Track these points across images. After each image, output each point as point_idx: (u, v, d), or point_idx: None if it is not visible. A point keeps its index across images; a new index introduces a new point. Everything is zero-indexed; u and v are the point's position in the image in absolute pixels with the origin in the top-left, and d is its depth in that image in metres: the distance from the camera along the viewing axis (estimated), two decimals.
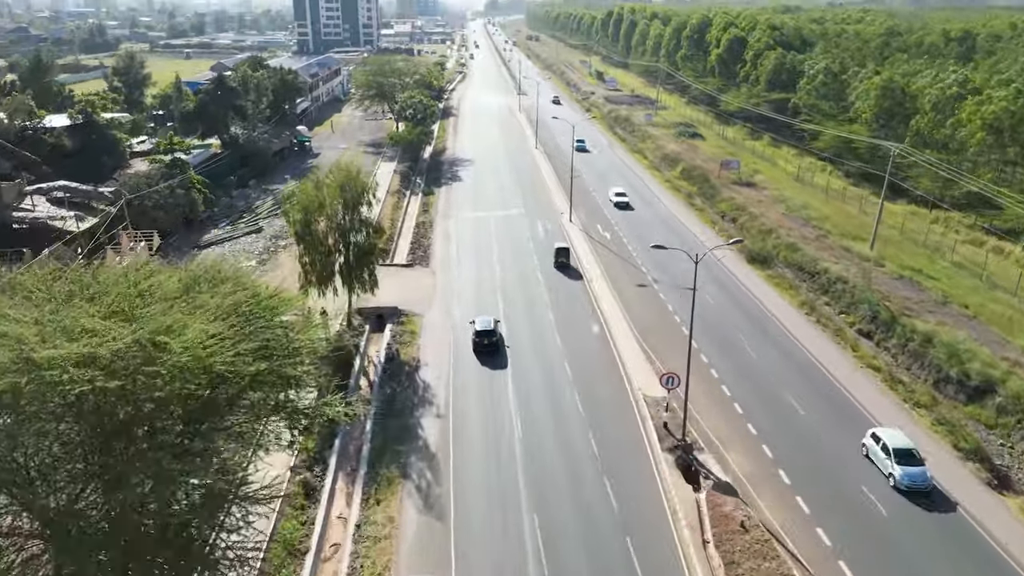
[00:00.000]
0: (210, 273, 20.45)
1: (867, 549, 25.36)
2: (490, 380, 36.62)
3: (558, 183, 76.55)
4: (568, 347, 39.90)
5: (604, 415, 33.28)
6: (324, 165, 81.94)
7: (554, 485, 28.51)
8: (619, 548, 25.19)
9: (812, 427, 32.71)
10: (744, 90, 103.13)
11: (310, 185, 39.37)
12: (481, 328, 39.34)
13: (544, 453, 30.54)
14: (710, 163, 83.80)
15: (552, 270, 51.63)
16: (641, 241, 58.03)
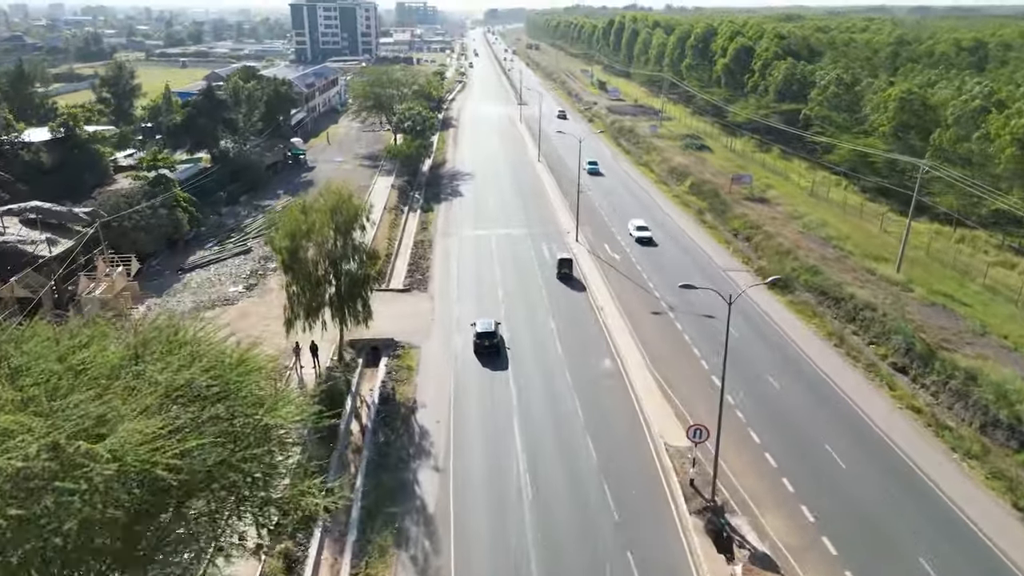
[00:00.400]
0: (164, 335, 17.11)
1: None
2: (495, 423, 33.28)
3: (563, 200, 73.39)
4: (579, 385, 36.56)
5: (622, 470, 29.90)
6: (319, 179, 79.03)
7: (570, 557, 25.12)
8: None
9: (855, 483, 29.33)
10: (752, 101, 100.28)
11: (296, 209, 36.13)
12: (482, 330, 40.41)
13: (557, 518, 27.15)
14: (720, 177, 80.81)
15: (559, 296, 48.37)
16: (652, 263, 54.76)
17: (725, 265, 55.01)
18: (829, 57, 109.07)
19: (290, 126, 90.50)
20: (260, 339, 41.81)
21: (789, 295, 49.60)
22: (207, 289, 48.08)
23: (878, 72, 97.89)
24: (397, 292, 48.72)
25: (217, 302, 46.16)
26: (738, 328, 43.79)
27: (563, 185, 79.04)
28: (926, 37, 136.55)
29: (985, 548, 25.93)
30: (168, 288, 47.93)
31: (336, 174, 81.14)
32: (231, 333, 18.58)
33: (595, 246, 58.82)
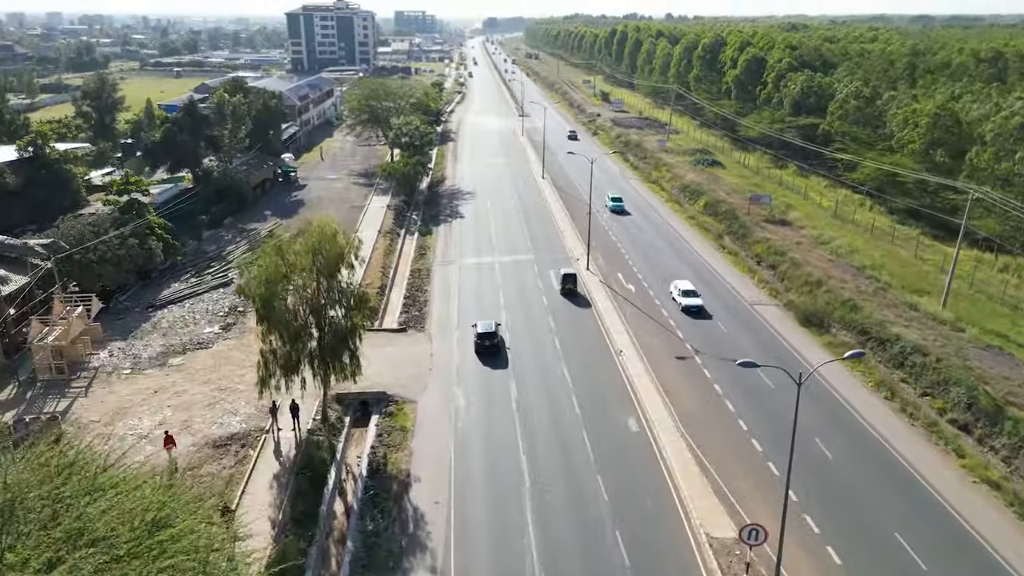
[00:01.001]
0: (87, 470, 12.10)
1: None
2: (503, 511, 28.29)
3: (570, 222, 68.62)
4: (601, 454, 31.56)
5: (658, 570, 24.91)
6: (310, 199, 74.30)
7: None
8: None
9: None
10: (766, 114, 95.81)
11: (272, 250, 31.20)
12: (483, 331, 41.62)
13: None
14: (735, 196, 76.14)
15: (572, 336, 43.44)
16: (669, 294, 49.84)
17: (751, 298, 50.18)
18: (844, 68, 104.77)
19: (281, 141, 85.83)
20: (233, 389, 37.14)
21: (826, 335, 44.75)
22: (179, 330, 43.11)
23: (896, 84, 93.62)
24: (391, 332, 43.76)
25: (189, 345, 41.20)
26: (774, 376, 38.89)
27: (569, 205, 74.30)
28: (938, 47, 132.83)
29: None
30: (135, 329, 42.95)
31: (328, 193, 76.44)
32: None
33: (608, 275, 53.96)
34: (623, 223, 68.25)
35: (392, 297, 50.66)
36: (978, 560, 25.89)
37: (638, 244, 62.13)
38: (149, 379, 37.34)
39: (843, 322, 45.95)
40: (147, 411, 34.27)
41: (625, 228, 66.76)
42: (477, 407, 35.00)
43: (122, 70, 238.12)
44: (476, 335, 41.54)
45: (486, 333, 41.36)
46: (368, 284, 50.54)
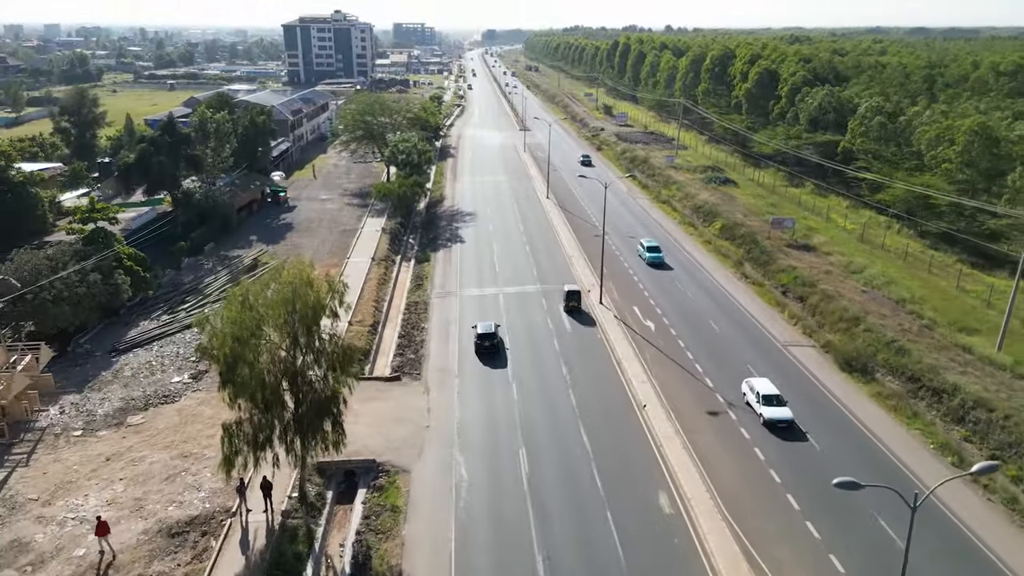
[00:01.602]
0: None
1: None
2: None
3: (579, 247, 63.86)
4: (632, 547, 26.51)
5: None
6: (299, 222, 69.44)
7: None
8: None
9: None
10: (781, 130, 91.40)
11: (237, 302, 26.27)
12: (483, 331, 42.47)
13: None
14: (752, 218, 71.54)
15: (588, 385, 38.47)
16: (697, 336, 44.82)
17: (784, 338, 45.27)
18: (862, 82, 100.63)
19: (270, 159, 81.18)
20: (199, 455, 31.96)
21: (871, 382, 39.83)
22: (143, 379, 38.12)
23: (916, 98, 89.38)
24: (383, 382, 38.75)
25: (153, 399, 36.21)
26: (818, 434, 33.95)
27: (577, 228, 69.55)
28: (949, 59, 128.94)
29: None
30: (93, 379, 37.96)
31: (320, 215, 71.66)
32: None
33: (623, 310, 49.05)
34: (635, 249, 63.47)
35: (385, 336, 45.72)
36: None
37: (653, 272, 57.30)
38: (103, 442, 32.32)
39: (888, 367, 41.09)
40: (95, 485, 29.24)
41: (637, 255, 61.95)
42: (481, 481, 29.98)
43: (115, 82, 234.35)
44: (476, 336, 42.85)
45: (486, 334, 42.52)
46: (359, 321, 45.70)
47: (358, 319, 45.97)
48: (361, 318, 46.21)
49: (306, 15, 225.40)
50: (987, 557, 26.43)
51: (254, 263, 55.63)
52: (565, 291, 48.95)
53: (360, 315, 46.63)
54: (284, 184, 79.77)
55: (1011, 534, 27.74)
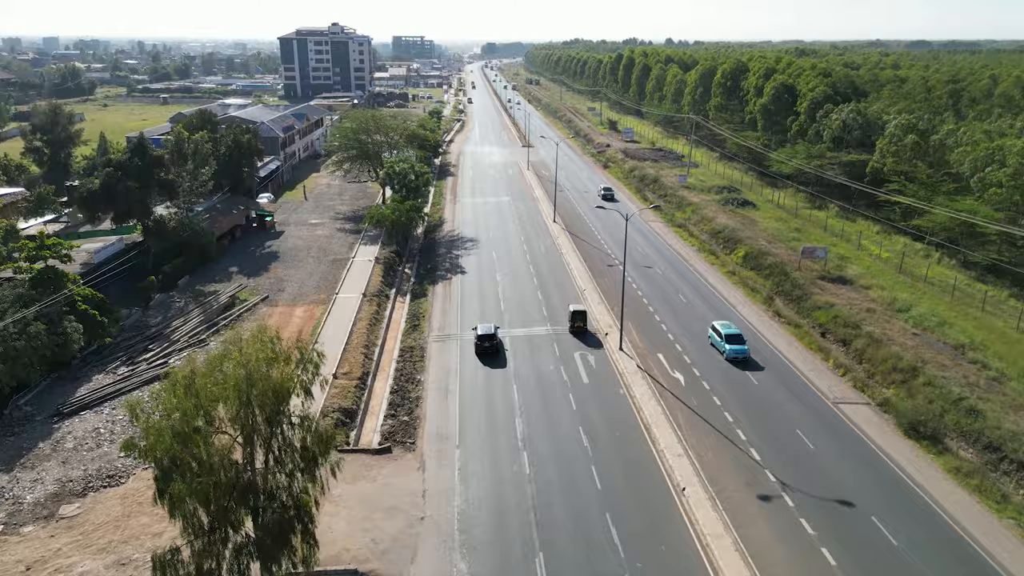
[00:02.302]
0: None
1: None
2: None
3: (591, 278, 58.15)
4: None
5: None
6: (286, 250, 63.66)
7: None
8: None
9: None
10: (802, 148, 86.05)
11: (179, 388, 20.48)
12: (483, 332, 43.37)
13: None
14: (777, 245, 65.97)
15: (616, 465, 32.51)
16: (735, 392, 38.98)
17: (833, 393, 39.47)
18: (884, 97, 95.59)
19: (257, 179, 75.66)
20: (140, 562, 25.82)
21: (944, 452, 33.99)
22: (87, 452, 32.25)
23: (942, 114, 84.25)
24: (370, 455, 32.84)
25: (95, 479, 30.33)
26: (888, 520, 27.99)
27: (588, 256, 63.89)
28: (965, 73, 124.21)
29: None
30: (29, 452, 32.10)
31: (308, 241, 65.99)
32: None
33: (647, 357, 43.23)
34: (654, 279, 57.79)
35: (376, 390, 39.87)
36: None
37: (676, 310, 51.56)
38: (25, 543, 26.41)
39: (961, 432, 35.29)
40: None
41: (658, 287, 56.27)
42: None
43: (108, 96, 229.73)
44: (476, 336, 43.41)
45: (486, 335, 43.25)
46: (346, 373, 39.90)
47: (345, 371, 40.20)
48: (349, 369, 40.43)
49: (303, 28, 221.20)
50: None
51: (231, 301, 49.89)
52: (570, 311, 47.37)
53: (348, 365, 40.85)
54: (272, 207, 74.24)
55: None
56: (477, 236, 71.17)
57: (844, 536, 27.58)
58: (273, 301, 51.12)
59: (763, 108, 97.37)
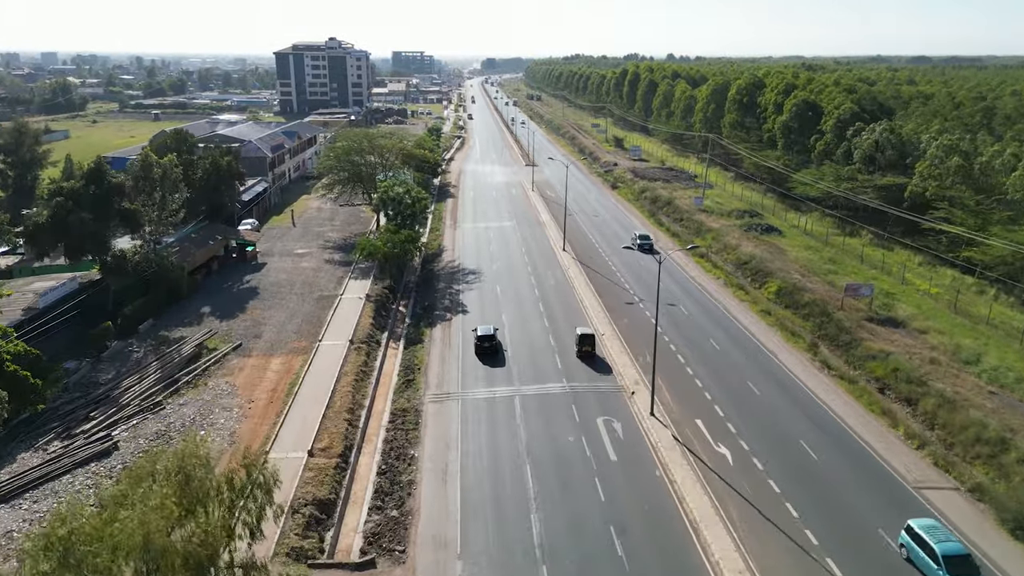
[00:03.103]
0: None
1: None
2: None
3: (609, 320, 51.49)
4: None
5: None
6: (266, 285, 56.96)
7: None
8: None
9: None
10: (829, 169, 79.87)
11: (55, 554, 13.83)
12: (483, 333, 44.91)
13: None
14: (812, 278, 59.60)
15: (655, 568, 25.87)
16: (787, 471, 32.20)
17: (912, 474, 32.72)
18: (913, 115, 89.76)
19: (239, 205, 69.29)
20: None
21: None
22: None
23: (976, 133, 78.26)
24: (349, 571, 25.98)
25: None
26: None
27: (604, 292, 57.32)
28: (986, 91, 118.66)
29: None
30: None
31: (292, 275, 59.44)
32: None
33: (683, 425, 36.50)
34: (679, 320, 51.20)
35: (360, 470, 33.09)
36: None
37: (709, 359, 44.92)
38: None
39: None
40: None
41: (685, 330, 49.68)
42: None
43: (99, 112, 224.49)
44: (476, 337, 44.36)
45: (486, 336, 44.37)
46: (324, 449, 33.21)
47: (323, 445, 33.49)
48: (328, 443, 33.71)
49: (300, 43, 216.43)
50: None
51: (197, 351, 43.24)
52: (577, 334, 44.98)
53: (327, 438, 34.15)
54: (255, 236, 67.79)
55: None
56: (480, 267, 64.69)
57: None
58: (247, 350, 44.49)
59: (784, 126, 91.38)
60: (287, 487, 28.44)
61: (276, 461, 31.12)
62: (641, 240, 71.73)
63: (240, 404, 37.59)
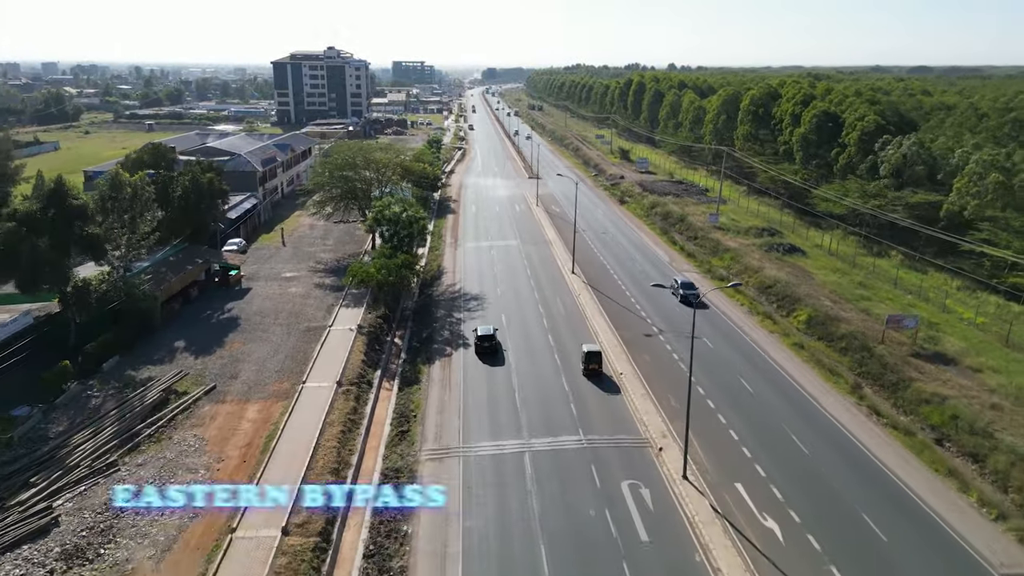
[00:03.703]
0: None
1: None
2: None
3: (627, 356, 46.45)
4: None
5: None
6: (250, 314, 51.97)
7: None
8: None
9: None
10: (854, 184, 75.09)
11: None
12: (483, 333, 45.94)
13: None
14: (844, 304, 54.75)
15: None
16: (856, 552, 27.05)
17: (996, 555, 27.55)
18: (934, 126, 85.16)
19: (222, 227, 64.45)
20: None
21: None
22: None
23: (1006, 146, 73.58)
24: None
25: None
26: None
27: (617, 319, 52.34)
28: (1009, 100, 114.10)
29: None
30: None
31: (279, 302, 54.43)
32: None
33: (722, 491, 31.35)
34: (705, 357, 46.12)
35: (343, 551, 27.95)
36: None
37: (744, 406, 39.82)
38: None
39: None
40: None
41: (713, 369, 44.60)
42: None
43: (93, 123, 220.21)
44: (476, 338, 45.46)
45: (485, 336, 45.44)
46: (301, 525, 28.07)
47: (301, 520, 28.39)
48: (306, 517, 28.60)
49: (298, 52, 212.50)
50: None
51: (164, 396, 38.20)
52: (584, 352, 43.26)
53: (305, 511, 28.99)
54: (240, 259, 62.77)
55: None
56: (483, 292, 59.75)
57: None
58: (221, 393, 39.44)
59: (802, 138, 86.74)
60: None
61: (242, 544, 26.12)
62: (684, 289, 56.73)
63: (208, 464, 32.51)
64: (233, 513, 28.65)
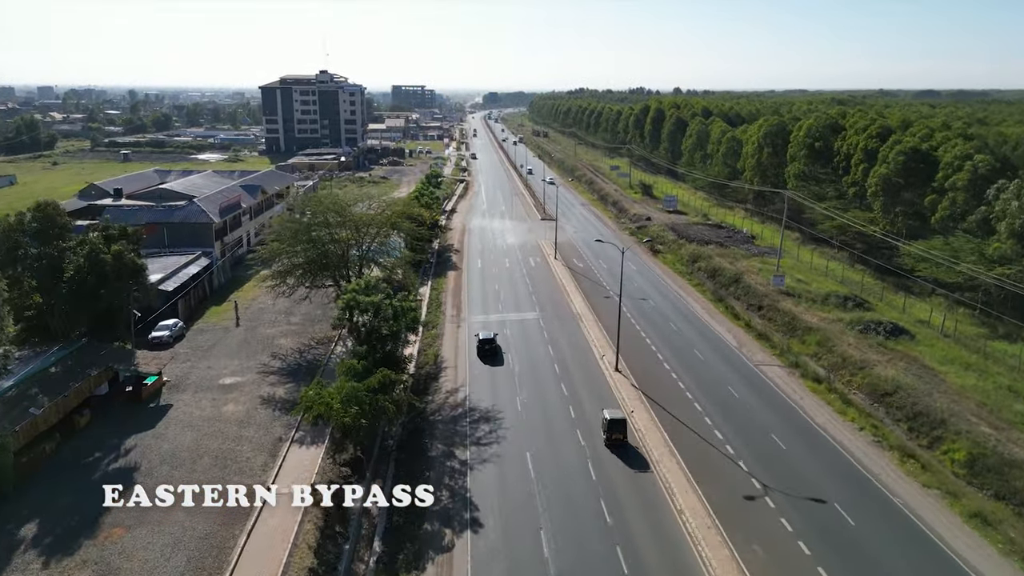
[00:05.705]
0: None
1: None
2: None
3: (720, 534, 29.68)
4: None
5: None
6: (156, 460, 32.96)
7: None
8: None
9: None
10: (969, 244, 58.91)
11: None
12: (484, 337, 49.06)
13: None
14: (1007, 429, 38.32)
15: None
16: None
17: None
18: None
19: (137, 313, 48.03)
20: None
21: None
22: None
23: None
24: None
25: None
26: None
27: (691, 453, 35.49)
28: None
29: None
30: None
31: (203, 433, 37.63)
32: None
33: None
34: (831, 535, 29.44)
35: None
36: None
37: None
38: None
39: None
40: None
41: (849, 562, 27.91)
42: None
43: (68, 151, 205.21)
44: (478, 341, 48.51)
45: (487, 339, 48.78)
46: None
47: None
48: None
49: (288, 76, 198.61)
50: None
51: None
52: (606, 419, 37.65)
53: None
54: (165, 357, 45.82)
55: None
56: (497, 405, 43.22)
57: None
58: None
59: (884, 180, 70.80)
60: None
61: None
62: None
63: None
64: None
